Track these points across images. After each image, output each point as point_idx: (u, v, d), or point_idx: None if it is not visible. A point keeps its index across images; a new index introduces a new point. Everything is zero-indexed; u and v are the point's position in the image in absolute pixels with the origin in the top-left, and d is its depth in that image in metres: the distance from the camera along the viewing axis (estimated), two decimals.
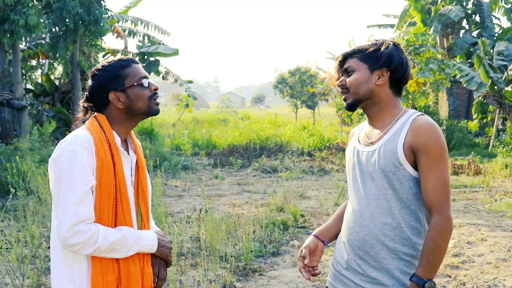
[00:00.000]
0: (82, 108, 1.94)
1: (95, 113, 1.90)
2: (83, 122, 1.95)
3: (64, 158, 1.73)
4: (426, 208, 1.83)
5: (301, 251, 2.04)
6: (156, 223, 2.16)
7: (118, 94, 1.85)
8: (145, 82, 1.87)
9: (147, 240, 1.88)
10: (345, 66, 1.92)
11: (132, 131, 1.99)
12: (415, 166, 1.81)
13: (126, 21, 17.99)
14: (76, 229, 1.69)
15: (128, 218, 1.85)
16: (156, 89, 1.90)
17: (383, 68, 1.87)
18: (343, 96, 1.94)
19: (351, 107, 1.93)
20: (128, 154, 1.93)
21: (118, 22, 17.87)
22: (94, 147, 1.78)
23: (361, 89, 1.88)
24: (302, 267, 2.01)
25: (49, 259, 4.89)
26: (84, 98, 1.93)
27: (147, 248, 1.88)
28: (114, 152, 1.82)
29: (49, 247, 5.21)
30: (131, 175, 1.92)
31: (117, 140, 1.85)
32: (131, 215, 1.86)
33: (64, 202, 1.71)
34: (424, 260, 1.75)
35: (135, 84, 1.85)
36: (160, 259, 1.95)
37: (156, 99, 1.90)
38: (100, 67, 1.88)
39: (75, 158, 1.72)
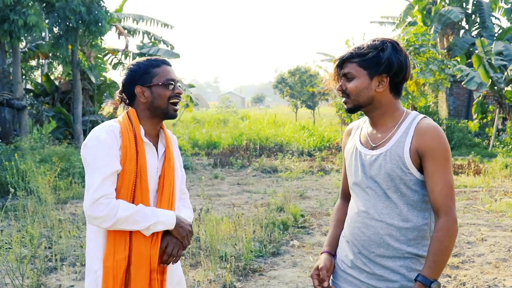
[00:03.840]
0: (117, 97, 2.13)
1: (128, 108, 2.09)
2: (114, 111, 2.16)
3: (91, 143, 1.94)
4: (432, 209, 1.85)
5: (316, 269, 2.00)
6: None
7: (144, 89, 2.03)
8: (170, 84, 2.03)
9: (164, 214, 1.99)
10: (345, 71, 1.89)
11: (165, 126, 2.16)
12: (420, 169, 1.82)
13: (127, 18, 17.96)
14: (98, 202, 1.87)
15: (145, 202, 1.98)
16: (179, 93, 2.06)
17: (382, 74, 1.85)
18: (343, 100, 1.94)
19: (351, 111, 1.94)
20: (157, 146, 2.09)
21: (120, 22, 17.85)
22: (120, 135, 1.96)
23: (362, 97, 1.87)
24: (318, 287, 1.98)
25: (49, 259, 4.89)
26: (120, 88, 2.13)
27: (166, 222, 1.98)
28: (139, 142, 1.99)
29: (48, 247, 5.23)
30: (157, 166, 2.07)
31: (142, 131, 2.01)
32: (148, 200, 1.99)
33: (89, 181, 1.91)
34: (431, 260, 1.76)
35: (160, 84, 2.02)
36: (173, 237, 2.04)
37: (176, 103, 2.06)
38: (134, 63, 2.08)
39: (100, 144, 1.92)
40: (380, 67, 1.84)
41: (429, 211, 1.86)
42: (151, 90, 2.02)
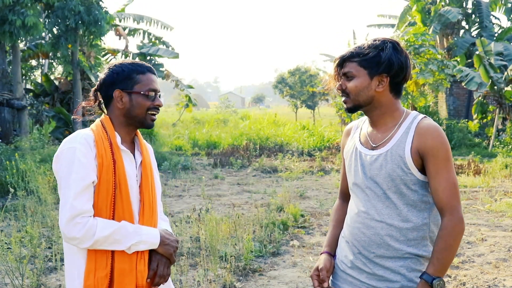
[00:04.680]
0: (92, 96, 2.00)
1: (102, 116, 1.98)
2: (87, 111, 2.03)
3: (64, 155, 1.81)
4: (433, 209, 1.85)
5: (316, 270, 2.00)
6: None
7: (123, 94, 1.91)
8: (151, 95, 1.93)
9: (148, 233, 1.87)
10: (345, 70, 1.89)
11: (140, 134, 2.05)
12: (421, 169, 1.82)
13: (127, 19, 17.95)
14: (74, 222, 1.75)
15: (128, 214, 1.87)
16: (158, 105, 1.95)
17: (383, 74, 1.85)
18: (343, 99, 1.93)
19: (351, 111, 1.94)
20: (134, 154, 1.98)
21: (120, 21, 17.84)
22: (94, 145, 1.84)
23: (361, 96, 1.87)
24: (318, 287, 1.97)
25: (49, 259, 4.89)
26: (95, 87, 1.99)
27: (149, 242, 1.87)
28: (115, 150, 1.87)
29: (48, 247, 5.23)
30: (136, 174, 1.95)
31: (118, 139, 1.90)
32: (131, 212, 1.89)
33: (64, 197, 1.78)
34: (434, 258, 1.78)
35: (142, 93, 1.91)
36: (162, 256, 1.94)
37: (154, 114, 1.95)
38: (118, 63, 1.95)
39: (74, 155, 1.79)
40: (380, 67, 1.83)
41: (428, 211, 1.86)
42: (130, 97, 1.90)
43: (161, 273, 1.92)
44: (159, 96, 1.98)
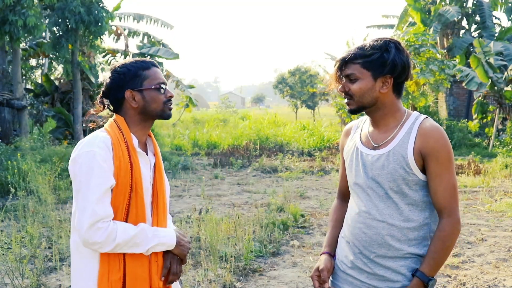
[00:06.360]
0: (99, 103, 1.97)
1: (114, 116, 1.94)
2: (98, 118, 2.00)
3: (83, 159, 1.78)
4: (433, 209, 1.86)
5: (317, 270, 1.99)
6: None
7: (134, 93, 1.88)
8: (162, 88, 1.91)
9: (166, 235, 1.90)
10: (348, 72, 1.86)
11: (152, 134, 2.03)
12: (423, 170, 1.83)
13: (127, 17, 17.91)
14: (96, 227, 1.73)
15: (141, 216, 1.87)
16: (171, 96, 1.94)
17: (387, 75, 1.84)
18: (346, 101, 1.92)
19: (354, 112, 1.93)
20: (147, 155, 1.97)
21: (120, 20, 17.82)
22: (112, 148, 1.82)
23: (366, 98, 1.86)
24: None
25: (49, 259, 4.89)
26: (101, 93, 1.96)
27: (167, 244, 1.89)
28: (132, 153, 1.86)
29: (48, 247, 5.23)
30: (150, 176, 1.95)
31: (135, 141, 1.89)
32: (145, 215, 1.89)
33: (84, 202, 1.75)
34: (431, 258, 1.79)
35: (153, 87, 1.89)
36: (175, 255, 1.96)
37: (170, 105, 1.95)
38: (121, 64, 1.92)
39: (93, 159, 1.76)
40: (385, 68, 1.82)
41: (429, 211, 1.86)
42: (142, 94, 1.88)
43: (175, 271, 1.95)
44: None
